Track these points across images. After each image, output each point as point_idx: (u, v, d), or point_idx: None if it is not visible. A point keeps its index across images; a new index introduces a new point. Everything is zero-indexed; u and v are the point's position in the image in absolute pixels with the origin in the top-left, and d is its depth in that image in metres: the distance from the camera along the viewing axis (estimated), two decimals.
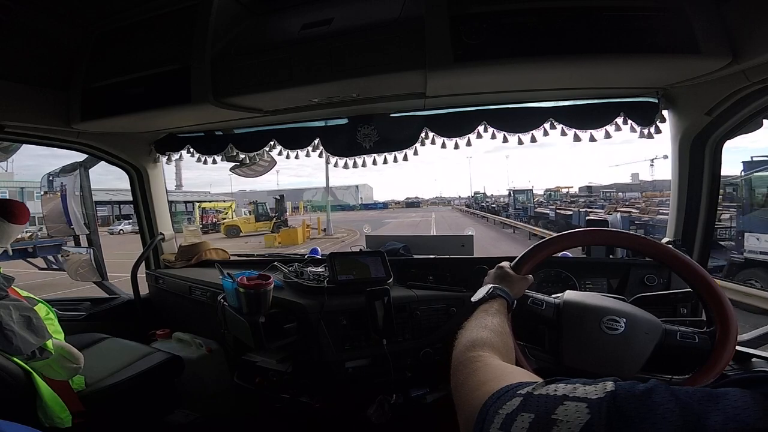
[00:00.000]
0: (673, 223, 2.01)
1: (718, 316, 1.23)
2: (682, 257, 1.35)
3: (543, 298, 1.38)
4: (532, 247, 1.40)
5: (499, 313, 1.10)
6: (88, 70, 2.07)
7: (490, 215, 30.57)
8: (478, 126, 2.05)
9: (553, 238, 1.43)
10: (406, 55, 1.60)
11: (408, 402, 1.98)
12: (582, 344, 1.29)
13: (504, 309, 1.15)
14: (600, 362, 1.27)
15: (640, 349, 1.27)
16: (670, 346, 1.29)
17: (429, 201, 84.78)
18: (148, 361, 2.23)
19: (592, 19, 1.42)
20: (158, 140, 2.70)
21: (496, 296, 1.19)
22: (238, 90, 1.85)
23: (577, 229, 1.45)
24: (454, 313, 1.99)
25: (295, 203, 58.47)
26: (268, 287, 1.85)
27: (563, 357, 1.28)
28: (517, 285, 1.28)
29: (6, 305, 1.69)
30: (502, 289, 1.21)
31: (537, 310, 1.36)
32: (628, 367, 1.25)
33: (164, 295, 2.85)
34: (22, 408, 1.68)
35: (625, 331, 1.27)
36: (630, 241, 1.53)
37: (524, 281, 1.30)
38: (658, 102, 1.88)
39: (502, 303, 1.16)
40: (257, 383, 2.20)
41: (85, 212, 2.88)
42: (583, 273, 2.03)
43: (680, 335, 1.28)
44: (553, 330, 1.34)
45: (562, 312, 1.35)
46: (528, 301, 1.35)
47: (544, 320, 1.35)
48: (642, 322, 1.31)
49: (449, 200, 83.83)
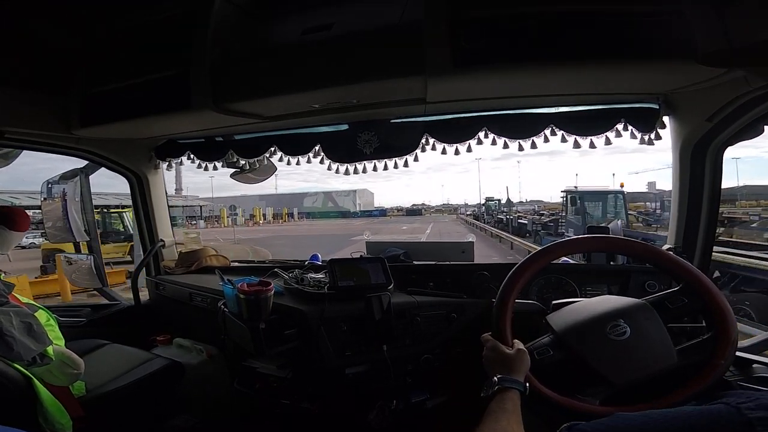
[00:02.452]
0: (674, 230, 2.00)
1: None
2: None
3: (541, 343, 1.39)
4: (494, 309, 1.41)
5: (507, 412, 1.07)
6: (88, 76, 2.08)
7: (514, 239, 18.08)
8: (478, 132, 2.05)
9: (506, 284, 1.46)
10: (406, 61, 1.60)
11: (408, 408, 1.97)
12: (613, 361, 1.31)
13: (517, 400, 1.12)
14: (640, 366, 1.29)
15: (657, 336, 1.31)
16: (672, 317, 1.33)
17: (433, 209, 76.80)
18: (149, 366, 2.23)
19: (592, 24, 1.42)
20: (158, 146, 2.70)
21: (502, 390, 1.16)
22: (238, 96, 1.85)
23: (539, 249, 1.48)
24: (454, 319, 1.98)
25: (291, 209, 58.35)
26: (268, 293, 1.85)
27: (611, 380, 1.28)
28: (519, 363, 1.25)
29: (6, 312, 1.68)
30: (507, 380, 1.18)
31: (549, 358, 1.36)
32: (664, 356, 1.28)
33: (165, 301, 2.85)
34: (23, 414, 1.68)
35: (631, 330, 1.30)
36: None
37: (520, 354, 1.28)
38: (659, 108, 1.88)
39: (512, 397, 1.13)
40: (257, 389, 2.19)
41: (85, 219, 2.88)
42: (583, 279, 2.03)
43: (669, 302, 1.36)
44: (578, 365, 1.33)
45: (566, 345, 1.35)
46: (535, 355, 1.35)
47: (562, 362, 1.35)
48: (634, 310, 1.35)
49: (456, 208, 74.38)
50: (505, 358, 1.26)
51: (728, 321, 1.26)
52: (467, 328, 1.90)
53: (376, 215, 60.12)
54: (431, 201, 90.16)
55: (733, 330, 1.26)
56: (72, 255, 2.99)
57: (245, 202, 52.70)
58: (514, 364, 1.23)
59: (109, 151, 2.60)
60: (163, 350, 2.56)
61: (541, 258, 1.51)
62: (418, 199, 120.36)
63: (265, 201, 57.29)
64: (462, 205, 75.70)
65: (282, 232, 34.15)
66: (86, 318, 2.77)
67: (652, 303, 1.35)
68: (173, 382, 2.32)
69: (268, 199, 58.57)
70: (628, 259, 2.14)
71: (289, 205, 58.51)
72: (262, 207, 55.48)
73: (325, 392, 2.10)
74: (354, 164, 2.30)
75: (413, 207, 75.95)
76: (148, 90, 1.92)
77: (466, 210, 62.32)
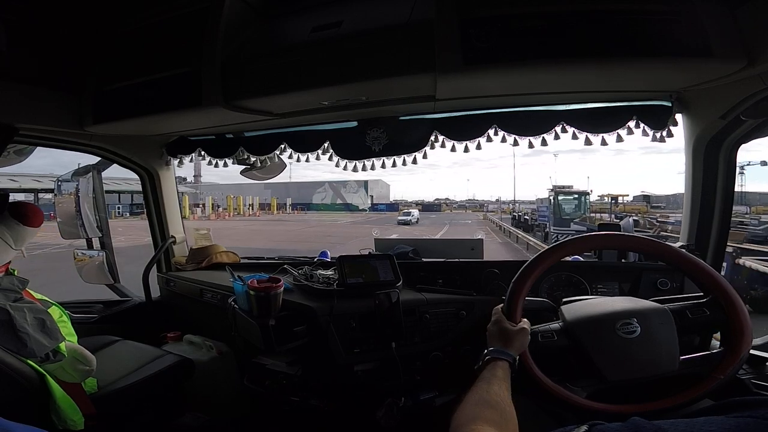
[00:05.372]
0: (686, 227, 1.98)
1: (732, 318, 1.26)
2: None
3: (549, 328, 1.40)
4: (510, 288, 1.40)
5: (498, 379, 1.09)
6: (101, 74, 2.09)
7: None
8: (488, 129, 2.04)
9: (535, 259, 1.43)
10: (415, 59, 1.59)
11: (417, 405, 1.97)
12: (613, 357, 1.31)
13: (508, 370, 1.15)
14: (640, 367, 1.28)
15: (666, 341, 1.30)
16: (689, 327, 1.31)
17: (455, 204, 65.39)
18: (159, 363, 2.24)
19: (604, 22, 1.40)
20: (169, 143, 2.73)
21: (494, 360, 1.18)
22: (248, 93, 1.85)
23: (562, 240, 1.46)
24: (463, 317, 1.98)
25: (302, 201, 53.68)
26: (278, 290, 1.86)
27: (605, 375, 1.29)
28: (518, 339, 1.27)
29: (21, 307, 1.70)
30: (499, 351, 1.21)
31: (551, 343, 1.36)
32: (666, 361, 1.28)
33: (175, 298, 2.87)
34: (36, 410, 1.70)
35: (642, 331, 1.29)
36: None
37: (522, 332, 1.29)
38: (672, 105, 1.86)
39: (503, 366, 1.16)
40: (267, 386, 2.21)
41: (97, 215, 2.91)
42: (594, 277, 2.02)
43: (690, 312, 1.32)
44: (578, 355, 1.33)
45: (573, 334, 1.35)
46: (539, 338, 1.35)
47: (563, 349, 1.35)
48: (650, 313, 1.33)
49: (482, 204, 61.36)
50: (505, 332, 1.28)
51: (745, 341, 1.24)
52: (476, 325, 1.89)
53: (381, 209, 53.88)
54: (456, 196, 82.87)
55: (746, 349, 1.24)
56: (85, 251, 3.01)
57: (250, 190, 50.61)
58: (511, 340, 1.25)
59: (121, 147, 2.63)
60: (173, 347, 2.58)
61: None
62: (442, 193, 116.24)
63: (271, 190, 54.35)
64: (491, 201, 61.43)
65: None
66: (98, 314, 2.79)
67: (672, 310, 1.33)
68: (183, 379, 2.33)
69: (274, 188, 55.85)
70: (639, 257, 2.12)
71: (298, 196, 56.36)
72: (266, 196, 52.06)
73: (334, 389, 2.11)
74: (363, 161, 2.31)
75: (430, 203, 64.47)
76: (160, 87, 1.93)
77: (499, 208, 49.15)
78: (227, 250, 2.98)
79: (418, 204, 58.98)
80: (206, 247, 2.94)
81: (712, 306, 1.31)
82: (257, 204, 49.75)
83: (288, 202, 54.23)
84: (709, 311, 1.31)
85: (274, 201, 50.45)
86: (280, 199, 53.13)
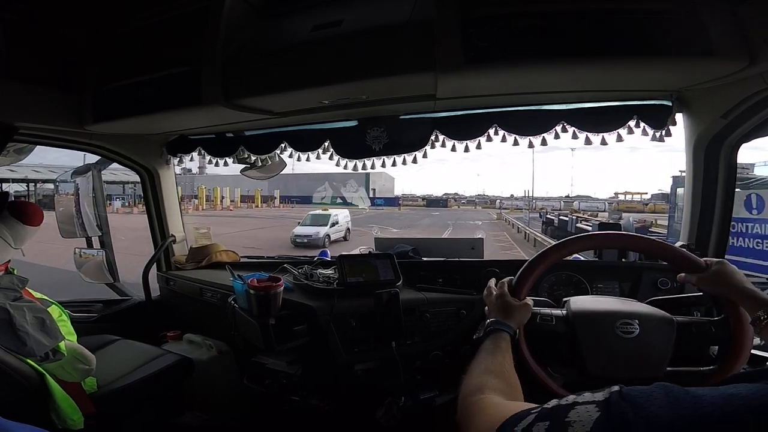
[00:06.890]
0: (687, 227, 1.98)
1: (738, 340, 1.24)
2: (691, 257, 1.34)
3: (550, 312, 1.40)
4: (525, 265, 1.39)
5: (502, 350, 1.10)
6: (101, 72, 2.09)
7: None
8: (488, 129, 2.04)
9: (546, 251, 1.42)
10: (416, 58, 1.59)
11: (417, 404, 1.97)
12: (602, 352, 1.30)
13: (508, 344, 1.15)
14: (624, 367, 1.28)
15: (660, 348, 1.29)
16: (688, 340, 1.30)
17: (464, 199, 57.62)
18: (159, 362, 2.24)
19: (604, 21, 1.40)
20: (169, 142, 2.72)
21: (496, 331, 1.19)
22: (248, 91, 1.85)
23: (571, 237, 1.45)
24: (464, 316, 1.98)
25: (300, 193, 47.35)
26: (278, 289, 1.86)
27: (587, 368, 1.29)
28: (518, 314, 1.27)
29: (20, 306, 1.70)
30: (501, 323, 1.22)
31: (548, 326, 1.37)
32: (652, 367, 1.27)
33: (175, 297, 2.87)
34: (36, 410, 1.70)
35: (640, 333, 1.29)
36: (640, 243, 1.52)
37: (525, 308, 1.30)
38: (672, 105, 1.86)
39: (505, 337, 1.16)
40: (267, 385, 2.20)
41: (97, 214, 2.90)
42: (594, 276, 2.02)
43: (695, 327, 1.31)
44: (570, 343, 1.33)
45: (573, 323, 1.35)
46: (537, 319, 1.35)
47: (557, 335, 1.36)
48: (654, 320, 1.33)
49: (493, 200, 52.95)
50: (508, 306, 1.28)
51: (739, 362, 1.23)
52: (476, 325, 1.89)
53: (379, 203, 47.50)
54: (465, 191, 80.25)
55: (738, 368, 1.24)
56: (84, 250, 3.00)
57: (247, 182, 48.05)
58: (512, 314, 1.26)
59: (121, 146, 2.62)
60: (173, 346, 2.58)
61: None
62: (451, 188, 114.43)
63: (268, 182, 52.28)
64: (504, 197, 52.31)
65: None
66: (98, 313, 2.79)
67: (678, 321, 1.31)
68: (183, 378, 2.33)
69: (272, 181, 53.15)
70: (640, 256, 2.12)
71: (296, 188, 54.26)
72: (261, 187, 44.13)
73: (335, 389, 2.11)
74: (363, 160, 2.31)
75: (436, 197, 56.63)
76: (160, 86, 1.93)
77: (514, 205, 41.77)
78: (227, 249, 2.98)
79: (425, 198, 55.81)
80: (206, 246, 2.93)
81: (720, 325, 1.29)
82: (230, 196, 43.94)
83: (276, 193, 48.85)
84: (715, 329, 1.30)
85: (258, 193, 45.43)
86: (282, 191, 50.64)
